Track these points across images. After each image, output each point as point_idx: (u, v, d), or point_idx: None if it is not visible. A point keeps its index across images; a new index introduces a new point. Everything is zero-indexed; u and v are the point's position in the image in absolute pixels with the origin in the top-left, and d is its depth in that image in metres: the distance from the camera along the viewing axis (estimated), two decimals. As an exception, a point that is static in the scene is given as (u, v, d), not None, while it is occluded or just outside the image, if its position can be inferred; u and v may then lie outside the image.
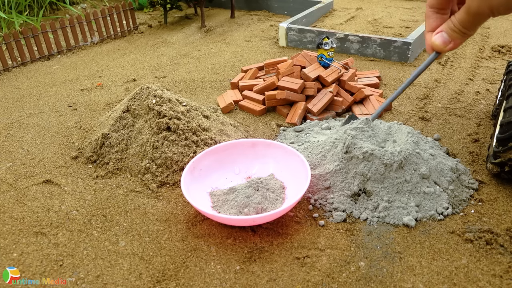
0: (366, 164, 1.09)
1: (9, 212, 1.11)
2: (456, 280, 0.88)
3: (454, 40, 0.65)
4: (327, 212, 1.07)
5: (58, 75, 2.08)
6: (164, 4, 2.77)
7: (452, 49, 0.67)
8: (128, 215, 1.10)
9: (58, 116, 1.64)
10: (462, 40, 0.66)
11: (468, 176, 1.18)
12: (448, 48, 0.67)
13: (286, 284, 0.89)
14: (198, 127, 1.27)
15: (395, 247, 0.97)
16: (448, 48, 0.67)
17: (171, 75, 2.03)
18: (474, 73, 1.92)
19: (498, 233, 0.99)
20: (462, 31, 0.63)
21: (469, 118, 1.53)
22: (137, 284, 0.90)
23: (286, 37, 2.35)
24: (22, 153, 1.39)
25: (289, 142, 1.35)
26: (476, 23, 0.62)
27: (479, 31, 2.51)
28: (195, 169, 1.15)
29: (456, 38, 0.65)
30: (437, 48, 0.66)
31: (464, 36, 0.65)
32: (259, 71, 1.87)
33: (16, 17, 2.64)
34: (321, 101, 1.53)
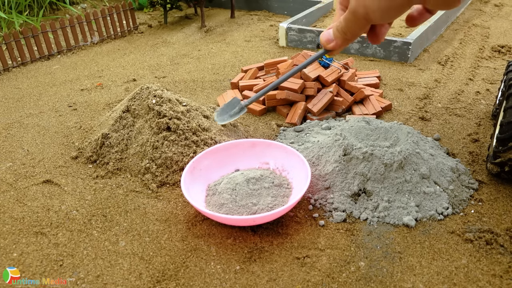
0: (366, 164, 1.09)
1: (9, 212, 1.11)
2: (456, 280, 0.88)
3: (336, 40, 0.61)
4: (327, 212, 1.07)
5: (58, 75, 2.08)
6: (164, 4, 2.77)
7: (334, 48, 0.62)
8: (128, 215, 1.10)
9: (58, 116, 1.64)
10: (343, 42, 0.61)
11: (468, 176, 1.18)
12: (330, 47, 0.62)
13: (286, 284, 0.89)
14: (198, 127, 1.27)
15: (395, 247, 0.97)
16: (330, 46, 0.62)
17: (171, 75, 2.03)
18: (474, 73, 1.92)
19: (498, 233, 0.99)
20: (343, 31, 0.59)
21: (469, 118, 1.53)
22: (137, 284, 0.90)
23: (286, 37, 2.35)
24: (22, 153, 1.39)
25: (289, 142, 1.35)
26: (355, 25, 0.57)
27: (479, 31, 2.51)
28: (195, 169, 1.15)
29: (338, 38, 0.61)
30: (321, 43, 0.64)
31: (344, 38, 0.60)
32: (259, 71, 1.87)
33: (16, 17, 2.64)
34: (321, 101, 1.53)
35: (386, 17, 0.52)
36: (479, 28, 2.57)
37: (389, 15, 0.51)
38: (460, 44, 2.32)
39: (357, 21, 0.55)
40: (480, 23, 2.68)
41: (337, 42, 0.61)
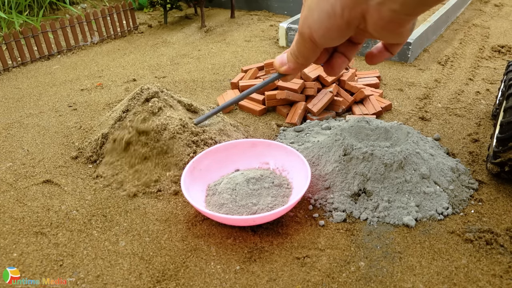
0: (366, 164, 1.09)
1: (9, 212, 1.11)
2: (456, 280, 0.88)
3: (289, 63, 0.59)
4: (327, 212, 1.07)
5: (58, 75, 2.08)
6: (164, 4, 2.77)
7: (286, 72, 0.60)
8: (128, 215, 1.10)
9: (58, 116, 1.64)
10: (295, 65, 0.59)
11: (468, 176, 1.18)
12: (283, 70, 0.60)
13: (286, 284, 0.89)
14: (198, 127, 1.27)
15: (395, 247, 0.97)
16: (283, 70, 0.60)
17: (171, 75, 2.03)
18: (474, 73, 1.92)
19: (498, 233, 0.99)
20: (295, 54, 0.57)
21: (469, 118, 1.53)
22: (137, 284, 0.90)
23: (286, 37, 2.35)
24: (22, 153, 1.39)
25: (289, 142, 1.35)
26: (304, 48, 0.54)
27: (479, 31, 2.51)
28: (195, 169, 1.15)
29: (290, 61, 0.59)
30: (275, 66, 0.63)
31: (296, 62, 0.58)
32: (259, 71, 1.87)
33: (16, 17, 2.64)
34: (321, 101, 1.53)
35: (328, 38, 0.50)
36: (479, 28, 2.57)
37: (331, 36, 0.49)
38: (460, 44, 2.32)
39: (304, 43, 0.53)
40: (480, 23, 2.68)
41: (289, 65, 0.59)
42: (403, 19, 0.44)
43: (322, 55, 0.60)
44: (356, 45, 0.60)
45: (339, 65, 0.60)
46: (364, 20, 0.46)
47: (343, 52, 0.60)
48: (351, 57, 0.61)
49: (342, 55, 0.60)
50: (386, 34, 0.48)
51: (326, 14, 0.47)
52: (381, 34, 0.48)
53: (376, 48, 0.60)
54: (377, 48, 0.60)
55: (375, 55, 0.60)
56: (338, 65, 0.60)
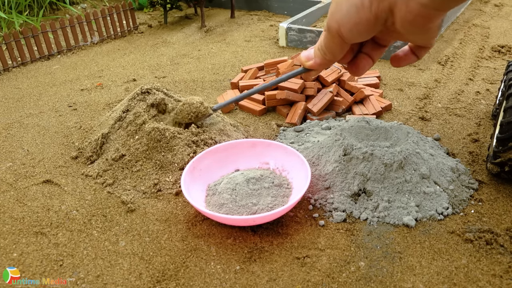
0: (366, 164, 1.09)
1: (9, 212, 1.11)
2: (456, 280, 0.88)
3: (315, 58, 0.59)
4: (327, 212, 1.07)
5: (58, 75, 2.08)
6: (164, 4, 2.77)
7: (312, 67, 0.60)
8: (128, 215, 1.10)
9: (58, 116, 1.64)
10: (322, 61, 0.59)
11: (468, 176, 1.18)
12: (308, 65, 0.60)
13: (286, 284, 0.89)
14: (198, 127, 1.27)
15: (395, 247, 0.97)
16: (308, 64, 0.60)
17: (171, 75, 2.03)
18: (474, 73, 1.92)
19: (498, 233, 0.99)
20: (322, 49, 0.57)
21: (469, 118, 1.53)
22: (137, 284, 0.90)
23: (286, 37, 2.35)
24: (22, 153, 1.39)
25: (289, 142, 1.35)
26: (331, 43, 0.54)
27: (479, 31, 2.51)
28: (195, 169, 1.15)
29: (317, 56, 0.59)
30: (300, 61, 0.62)
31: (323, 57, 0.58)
32: (259, 71, 1.87)
33: (16, 17, 2.64)
34: (321, 101, 1.53)
35: (356, 33, 0.50)
36: (479, 28, 2.57)
37: (359, 30, 0.49)
38: (460, 44, 2.32)
39: (332, 39, 0.53)
40: (480, 23, 2.68)
41: (315, 60, 0.59)
42: (431, 14, 0.44)
43: (347, 54, 0.60)
44: (382, 48, 0.60)
45: (364, 66, 0.61)
46: (392, 14, 0.46)
47: (369, 53, 0.60)
48: (376, 59, 0.61)
49: (367, 56, 0.60)
50: (413, 30, 0.47)
51: (355, 7, 0.48)
52: (409, 30, 0.47)
53: (403, 51, 0.60)
54: (403, 51, 0.59)
55: (401, 58, 0.59)
56: (362, 66, 0.61)
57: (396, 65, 0.61)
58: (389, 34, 0.54)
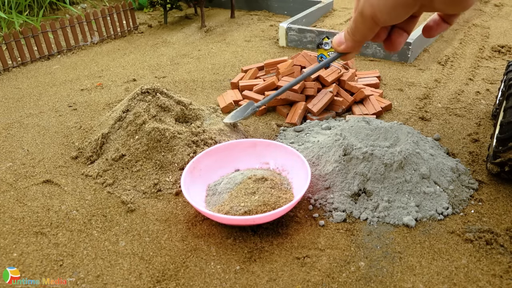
0: (366, 164, 1.09)
1: (9, 212, 1.11)
2: (456, 280, 0.88)
3: (346, 42, 0.60)
4: (327, 212, 1.07)
5: (58, 75, 2.08)
6: (164, 4, 2.77)
7: (345, 50, 0.61)
8: (128, 215, 1.10)
9: (58, 116, 1.64)
10: (353, 44, 0.59)
11: (468, 176, 1.18)
12: (341, 49, 0.61)
13: (286, 284, 0.89)
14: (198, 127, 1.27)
15: (395, 247, 0.97)
16: (341, 48, 0.61)
17: (171, 75, 2.03)
18: (474, 73, 1.92)
19: (498, 233, 0.99)
20: (353, 33, 0.57)
21: (469, 118, 1.53)
22: (137, 284, 0.90)
23: (286, 37, 2.35)
24: (22, 153, 1.39)
25: (289, 142, 1.35)
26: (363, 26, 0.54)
27: (479, 31, 2.51)
28: (195, 169, 1.15)
29: (348, 40, 0.59)
30: (333, 46, 0.62)
31: (354, 40, 0.58)
32: (259, 71, 1.87)
33: (16, 17, 2.64)
34: (321, 101, 1.53)
35: (394, 16, 0.50)
36: (479, 28, 2.57)
37: (396, 13, 0.49)
38: (460, 44, 2.32)
39: (364, 22, 0.53)
40: (480, 23, 2.68)
41: (347, 44, 0.60)
42: None
43: (382, 32, 0.60)
44: (415, 18, 0.59)
45: (400, 41, 0.60)
46: None
47: (402, 27, 0.60)
48: (410, 31, 0.60)
49: (402, 30, 0.60)
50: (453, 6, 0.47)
51: None
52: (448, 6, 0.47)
53: (433, 20, 0.59)
54: (434, 20, 0.59)
55: (432, 27, 0.59)
56: (399, 42, 0.61)
57: (428, 35, 0.60)
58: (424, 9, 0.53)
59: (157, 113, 1.30)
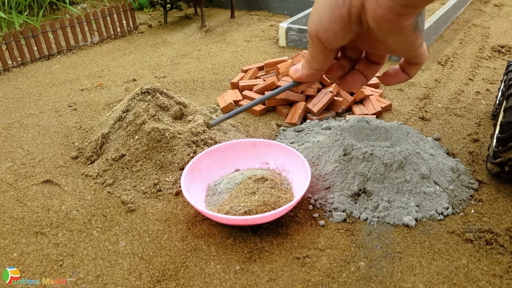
0: (366, 164, 1.09)
1: (9, 212, 1.11)
2: (456, 280, 0.88)
3: (302, 70, 0.58)
4: (327, 212, 1.07)
5: (58, 75, 2.08)
6: (164, 4, 2.77)
7: (299, 79, 0.59)
8: (128, 215, 1.10)
9: (58, 116, 1.64)
10: (309, 71, 0.57)
11: (468, 176, 1.18)
12: (296, 77, 0.59)
13: (286, 284, 0.89)
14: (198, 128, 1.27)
15: (395, 247, 0.97)
16: (296, 76, 0.59)
17: (171, 75, 2.03)
18: (474, 73, 1.92)
19: (498, 233, 0.99)
20: (308, 60, 0.56)
21: (469, 118, 1.53)
22: (137, 284, 0.90)
23: (286, 37, 2.35)
24: (22, 153, 1.39)
25: (289, 142, 1.35)
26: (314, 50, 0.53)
27: (479, 31, 2.51)
28: (195, 169, 1.15)
29: (304, 67, 0.58)
30: (289, 74, 0.61)
31: (309, 67, 0.57)
32: (259, 71, 1.87)
33: (16, 17, 2.64)
34: (321, 101, 1.53)
35: (332, 33, 0.50)
36: (479, 28, 2.57)
37: (334, 29, 0.49)
38: (460, 44, 2.32)
39: (313, 44, 0.53)
40: (480, 23, 2.68)
41: (302, 72, 0.58)
42: (400, 10, 0.44)
43: (336, 68, 0.59)
44: (376, 65, 0.59)
45: (354, 81, 0.59)
46: (364, 9, 0.46)
47: (361, 70, 0.60)
48: (369, 76, 0.60)
49: (359, 73, 0.60)
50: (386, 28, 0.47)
51: (329, 5, 0.48)
52: (381, 28, 0.47)
53: (393, 69, 0.59)
54: (394, 69, 0.59)
55: (390, 75, 0.59)
56: (352, 81, 0.60)
57: (386, 82, 0.60)
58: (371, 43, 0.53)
59: (156, 113, 1.30)
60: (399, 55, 0.55)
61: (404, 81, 0.60)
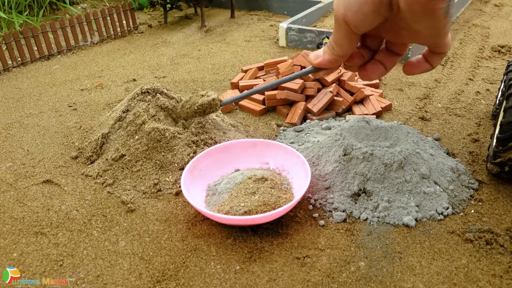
0: (366, 164, 1.09)
1: (9, 212, 1.11)
2: (456, 280, 0.88)
3: (324, 55, 0.57)
4: (327, 212, 1.07)
5: (58, 75, 2.08)
6: (164, 4, 2.77)
7: (320, 64, 0.58)
8: (128, 215, 1.10)
9: (58, 116, 1.64)
10: (331, 57, 0.56)
11: (468, 176, 1.18)
12: (316, 63, 0.58)
13: (286, 284, 0.89)
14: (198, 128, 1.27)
15: (395, 247, 0.97)
16: (316, 62, 0.58)
17: (171, 75, 2.03)
18: (474, 73, 1.92)
19: (498, 233, 0.99)
20: (331, 45, 0.55)
21: (469, 118, 1.53)
22: (137, 284, 0.90)
23: (286, 37, 2.35)
24: (22, 153, 1.39)
25: (289, 142, 1.35)
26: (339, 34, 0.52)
27: (479, 31, 2.51)
28: (195, 169, 1.15)
29: (326, 52, 0.56)
30: (309, 59, 0.59)
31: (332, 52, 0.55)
32: (259, 71, 1.87)
33: (16, 17, 2.64)
34: (321, 101, 1.53)
35: (361, 15, 0.48)
36: (479, 28, 2.57)
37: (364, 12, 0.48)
38: (460, 44, 2.32)
39: (339, 28, 0.51)
40: (480, 23, 2.68)
41: (324, 57, 0.57)
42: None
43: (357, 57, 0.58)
44: (395, 56, 0.58)
45: (374, 71, 0.59)
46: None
47: (381, 60, 0.59)
48: (389, 67, 0.59)
49: (379, 63, 0.59)
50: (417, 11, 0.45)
51: None
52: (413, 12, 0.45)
53: (416, 58, 0.58)
54: (416, 58, 0.58)
55: (413, 64, 0.58)
56: (372, 71, 0.59)
57: (408, 72, 0.59)
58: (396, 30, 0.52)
59: (156, 113, 1.30)
60: (424, 43, 0.53)
61: (426, 71, 0.58)
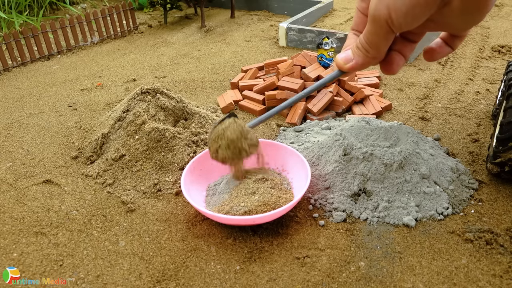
0: (366, 164, 1.09)
1: (9, 212, 1.11)
2: (456, 280, 0.88)
3: (356, 58, 0.54)
4: (327, 212, 1.07)
5: (58, 75, 2.08)
6: (164, 4, 2.77)
7: (352, 68, 0.55)
8: (128, 215, 1.10)
9: (58, 116, 1.64)
10: (364, 60, 0.53)
11: (468, 176, 1.18)
12: (348, 67, 0.55)
13: (286, 284, 0.89)
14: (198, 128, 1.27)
15: (395, 247, 0.97)
16: (348, 66, 0.55)
17: (171, 75, 2.03)
18: (474, 73, 1.92)
19: (498, 233, 0.99)
20: (364, 47, 0.52)
21: (469, 118, 1.53)
22: (137, 284, 0.90)
23: (286, 37, 2.35)
24: (22, 153, 1.39)
25: (289, 142, 1.35)
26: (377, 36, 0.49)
27: (479, 31, 2.51)
28: (195, 169, 1.15)
29: (358, 55, 0.54)
30: (338, 64, 0.57)
31: (366, 55, 0.53)
32: (259, 71, 1.87)
33: (16, 17, 2.64)
34: (321, 101, 1.53)
35: (411, 17, 0.45)
36: (479, 28, 2.57)
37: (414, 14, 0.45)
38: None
39: (378, 29, 0.48)
40: (480, 23, 2.68)
41: (357, 61, 0.54)
42: None
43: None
44: (413, 43, 0.57)
45: (398, 62, 0.57)
46: None
47: (400, 50, 0.57)
48: (407, 55, 0.57)
49: (398, 53, 0.57)
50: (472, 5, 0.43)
51: None
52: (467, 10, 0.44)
53: (436, 43, 0.55)
54: (436, 43, 0.55)
55: (435, 50, 0.56)
56: (396, 62, 0.57)
57: (429, 58, 0.57)
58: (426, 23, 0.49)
59: (156, 113, 1.30)
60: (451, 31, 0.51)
61: (447, 55, 0.56)
